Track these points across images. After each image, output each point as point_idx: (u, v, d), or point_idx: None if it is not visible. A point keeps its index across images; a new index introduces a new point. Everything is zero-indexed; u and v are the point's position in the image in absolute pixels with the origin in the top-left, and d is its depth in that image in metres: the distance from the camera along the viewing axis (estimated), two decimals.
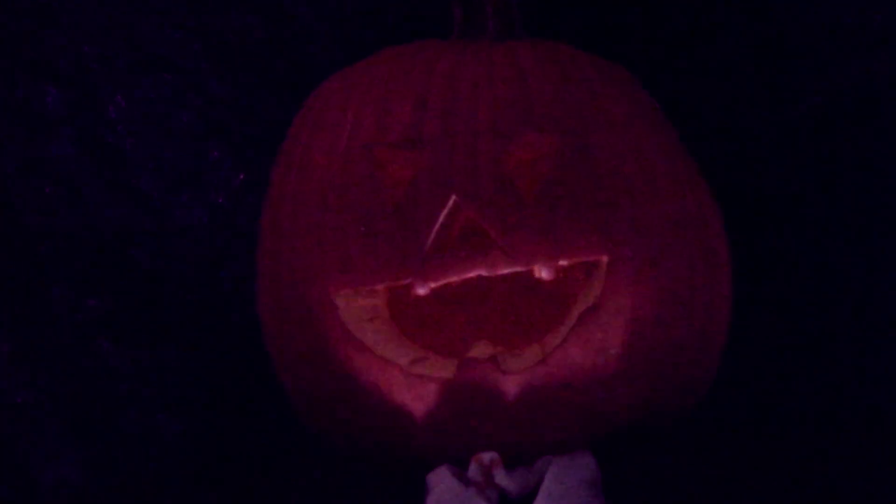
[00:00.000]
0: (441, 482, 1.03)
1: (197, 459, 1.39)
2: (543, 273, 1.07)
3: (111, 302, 1.40)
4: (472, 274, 1.07)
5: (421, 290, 1.07)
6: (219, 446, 1.40)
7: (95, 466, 1.38)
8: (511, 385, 1.07)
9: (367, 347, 1.09)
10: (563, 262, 1.07)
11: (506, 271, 1.07)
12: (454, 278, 1.07)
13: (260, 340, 1.20)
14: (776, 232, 1.36)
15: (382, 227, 1.09)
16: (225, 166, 1.42)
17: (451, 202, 1.07)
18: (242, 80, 1.41)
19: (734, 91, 1.37)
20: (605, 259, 1.07)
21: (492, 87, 1.11)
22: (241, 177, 1.42)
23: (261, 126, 1.41)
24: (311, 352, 1.12)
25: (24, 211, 1.38)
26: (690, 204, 1.13)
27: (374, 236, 1.09)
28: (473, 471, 1.03)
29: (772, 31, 1.34)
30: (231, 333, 1.41)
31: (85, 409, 1.39)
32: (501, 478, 1.02)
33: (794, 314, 1.36)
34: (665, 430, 1.13)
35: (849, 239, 1.34)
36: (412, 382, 1.08)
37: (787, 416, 1.32)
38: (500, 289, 1.17)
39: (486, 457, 1.04)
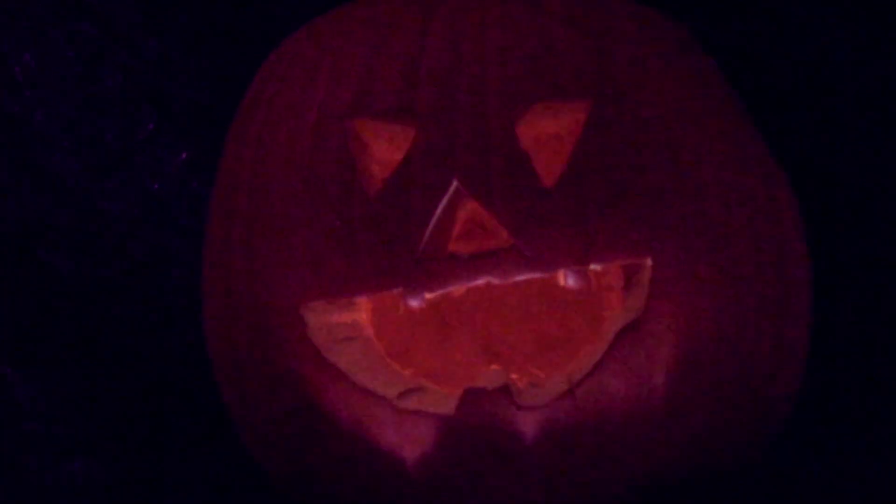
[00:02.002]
0: None
1: None
2: (570, 280, 1.05)
3: (15, 316, 1.37)
4: (478, 281, 1.04)
5: (414, 303, 1.04)
6: (151, 500, 1.34)
7: None
8: (529, 423, 1.04)
9: (343, 375, 1.07)
10: (595, 267, 1.05)
11: (522, 278, 1.04)
12: (456, 287, 1.04)
13: (206, 364, 1.18)
14: (870, 227, 1.34)
15: (364, 220, 1.06)
16: (162, 143, 1.39)
17: (451, 189, 1.04)
18: (184, 34, 1.38)
19: (815, 49, 1.33)
20: (649, 262, 1.05)
21: (504, 41, 1.08)
22: (183, 156, 1.39)
23: (207, 92, 1.38)
24: (271, 379, 1.09)
25: None
26: (759, 192, 1.10)
27: (353, 233, 1.06)
28: None
29: None
30: (169, 355, 1.38)
31: None
32: None
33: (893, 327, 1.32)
34: (727, 481, 1.10)
35: None
36: (402, 420, 1.05)
37: (888, 461, 1.27)
38: (514, 301, 1.17)
39: None
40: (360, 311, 1.09)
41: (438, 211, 1.04)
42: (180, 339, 1.37)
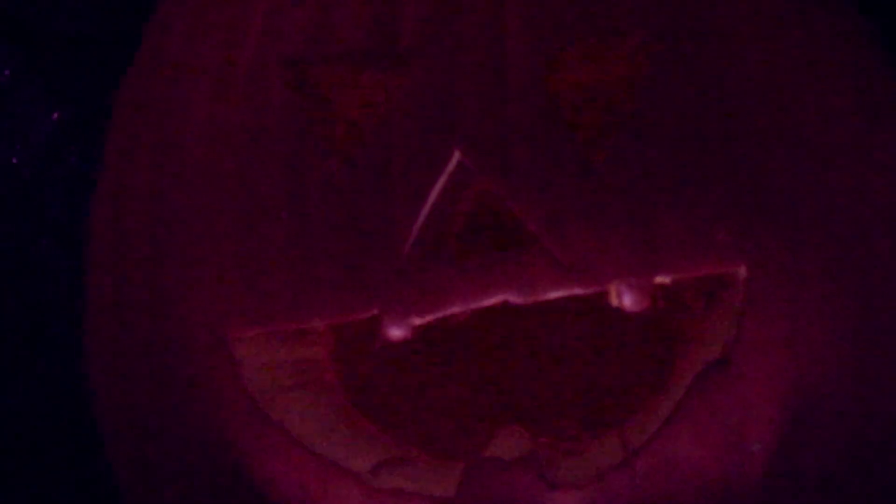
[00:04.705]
0: None
1: None
2: (626, 300, 1.01)
3: None
4: (491, 301, 1.00)
5: (395, 332, 1.01)
6: None
7: None
8: None
9: (291, 439, 1.04)
10: (662, 280, 1.02)
11: (556, 296, 1.00)
12: (457, 308, 1.01)
13: (88, 417, 1.16)
14: None
15: (322, 211, 1.03)
16: (25, 96, 1.41)
17: (452, 164, 1.01)
18: None
19: None
20: (742, 273, 1.02)
21: None
22: (55, 116, 1.41)
23: (91, 23, 1.43)
24: (185, 444, 1.07)
25: None
26: None
27: (307, 230, 1.03)
28: None
29: None
30: (36, 403, 1.40)
31: None
32: None
33: None
34: None
35: None
36: None
37: None
38: (544, 329, 1.16)
39: None
40: (317, 345, 1.07)
41: (432, 196, 1.01)
42: (52, 380, 1.39)
